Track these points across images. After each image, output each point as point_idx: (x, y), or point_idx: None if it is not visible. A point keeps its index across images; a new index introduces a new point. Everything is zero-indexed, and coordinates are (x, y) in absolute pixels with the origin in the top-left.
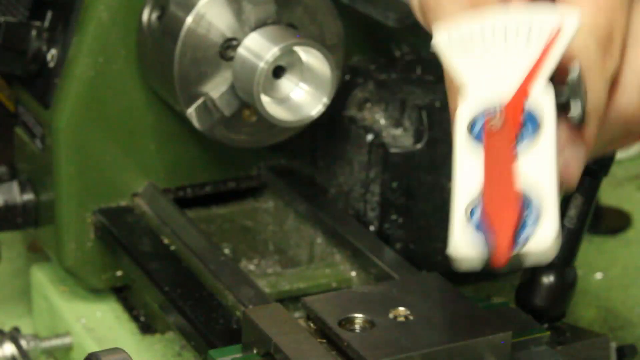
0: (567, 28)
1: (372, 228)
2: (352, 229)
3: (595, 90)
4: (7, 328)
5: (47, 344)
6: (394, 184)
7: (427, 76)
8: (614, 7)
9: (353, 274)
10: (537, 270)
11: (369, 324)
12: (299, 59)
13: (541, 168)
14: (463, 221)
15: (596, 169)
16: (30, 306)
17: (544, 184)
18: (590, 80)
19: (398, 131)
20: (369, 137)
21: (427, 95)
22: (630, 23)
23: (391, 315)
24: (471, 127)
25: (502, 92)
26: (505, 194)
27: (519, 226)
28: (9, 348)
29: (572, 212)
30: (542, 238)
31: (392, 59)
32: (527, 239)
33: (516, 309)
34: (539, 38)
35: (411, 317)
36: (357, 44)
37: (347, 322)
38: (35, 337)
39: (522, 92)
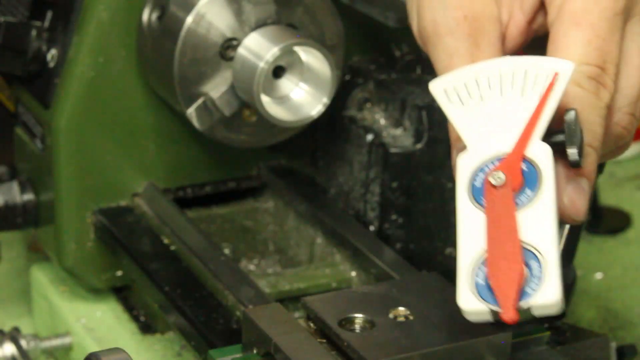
0: (562, 76)
1: (372, 228)
2: (352, 229)
3: (592, 125)
4: (7, 328)
5: (47, 344)
6: (394, 184)
7: (427, 76)
8: (605, 40)
9: (353, 274)
10: None
11: (369, 324)
12: (299, 59)
13: (542, 222)
14: (470, 276)
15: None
16: (30, 306)
17: (547, 239)
18: (586, 118)
19: (398, 131)
20: (369, 137)
21: (427, 95)
22: (622, 47)
23: (391, 315)
24: (472, 181)
25: (500, 145)
26: (508, 251)
27: (524, 282)
28: (9, 348)
29: None
30: (548, 293)
31: (392, 59)
32: (532, 295)
33: None
34: (534, 87)
35: (411, 317)
36: (357, 44)
37: (347, 322)
38: (35, 337)
39: (521, 146)
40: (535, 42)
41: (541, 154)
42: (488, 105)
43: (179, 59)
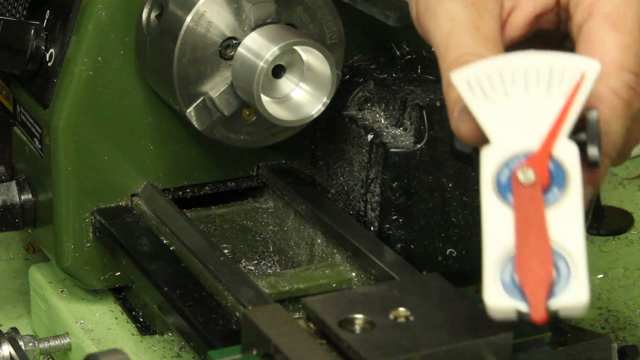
0: (589, 75)
1: (372, 228)
2: (352, 229)
3: (615, 135)
4: (5, 329)
5: (45, 344)
6: (394, 184)
7: (427, 75)
8: None
9: (353, 274)
10: None
11: (369, 324)
12: (299, 58)
13: (571, 222)
14: (496, 272)
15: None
16: (28, 307)
17: (575, 239)
18: (613, 128)
19: (398, 131)
20: (369, 136)
21: (427, 95)
22: None
23: (391, 316)
24: (497, 176)
25: (527, 142)
26: (538, 250)
27: (552, 282)
28: (7, 349)
29: None
30: (576, 294)
31: (393, 58)
32: (561, 295)
33: None
34: (561, 85)
35: (411, 318)
36: (357, 43)
37: (348, 323)
38: (34, 337)
39: (549, 144)
40: (536, 36)
41: (569, 152)
42: (513, 100)
43: (178, 58)
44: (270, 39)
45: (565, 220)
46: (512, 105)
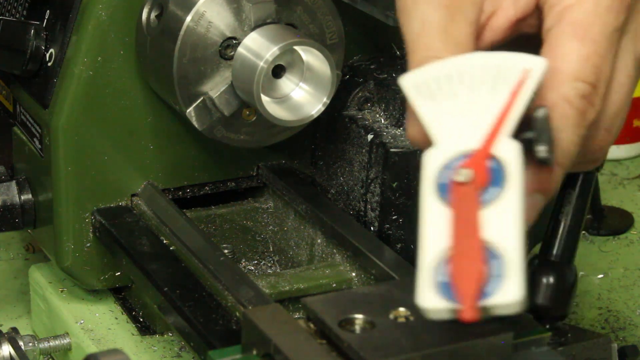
0: (535, 72)
1: (372, 228)
2: (352, 229)
3: (569, 144)
4: (5, 329)
5: (45, 344)
6: (394, 184)
7: None
8: (603, 58)
9: (353, 274)
10: (537, 271)
11: (369, 324)
12: (299, 58)
13: (507, 221)
14: (430, 273)
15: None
16: (28, 307)
17: (510, 237)
18: (566, 137)
19: (398, 131)
20: (369, 136)
21: None
22: (616, 62)
23: (391, 316)
24: (438, 178)
25: (469, 142)
26: (470, 249)
27: (486, 280)
28: (7, 349)
29: (566, 207)
30: (509, 291)
31: (393, 58)
32: (493, 293)
33: None
34: (505, 82)
35: (411, 318)
36: (357, 43)
37: (347, 323)
38: (34, 337)
39: (489, 143)
40: (517, 40)
41: (509, 151)
42: (458, 100)
43: (178, 58)
44: (270, 39)
45: (502, 218)
46: (457, 106)
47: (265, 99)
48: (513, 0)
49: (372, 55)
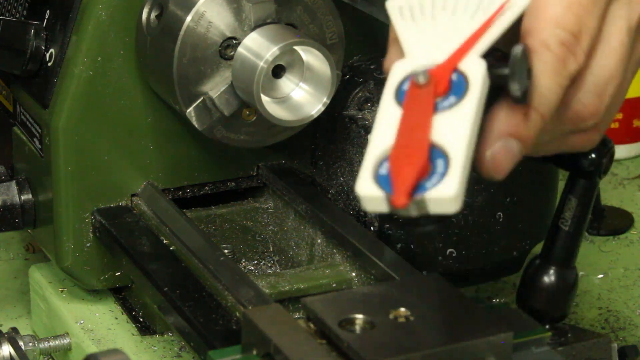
0: (516, 5)
1: (372, 228)
2: (352, 229)
3: (547, 91)
4: (5, 329)
5: (45, 344)
6: None
7: None
8: (586, 9)
9: (353, 274)
10: (537, 271)
11: (369, 324)
12: (299, 58)
13: (458, 127)
14: (373, 166)
15: (592, 171)
16: (28, 307)
17: (458, 141)
18: (544, 83)
19: None
20: (369, 136)
21: None
22: (604, 27)
23: (391, 316)
24: (400, 85)
25: (437, 56)
26: (415, 145)
27: (426, 175)
28: (7, 349)
29: (567, 214)
30: (445, 187)
31: None
32: (430, 187)
33: (517, 309)
34: (485, 12)
35: (411, 318)
36: (357, 43)
37: (348, 323)
38: (34, 337)
39: (456, 57)
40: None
41: (474, 67)
42: (437, 23)
43: (178, 58)
44: (270, 39)
45: (454, 124)
46: (435, 28)
47: (265, 99)
48: None
49: (372, 55)
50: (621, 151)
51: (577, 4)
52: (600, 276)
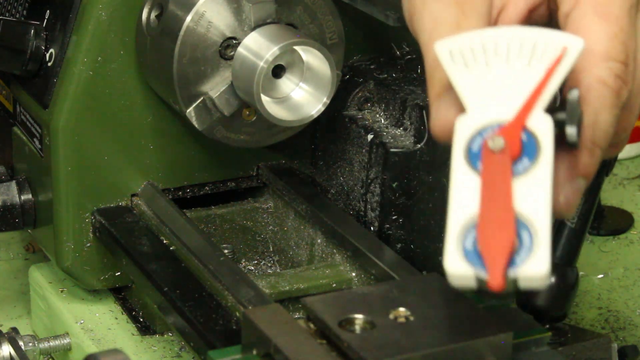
0: (572, 50)
1: (372, 228)
2: (352, 229)
3: (606, 125)
4: (5, 329)
5: (45, 344)
6: (394, 184)
7: None
8: (628, 34)
9: (353, 274)
10: None
11: (369, 324)
12: (299, 58)
13: (537, 194)
14: (459, 239)
15: (598, 169)
16: (28, 307)
17: (540, 210)
18: (603, 118)
19: (398, 131)
20: (369, 136)
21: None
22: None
23: (391, 316)
24: (469, 144)
25: (502, 112)
26: (501, 218)
27: (513, 251)
28: (7, 349)
29: None
30: (537, 264)
31: (393, 58)
32: (521, 264)
33: (517, 309)
34: (542, 58)
35: (411, 318)
36: (357, 43)
37: (347, 323)
38: (34, 337)
39: (523, 114)
40: None
41: (542, 125)
42: (493, 71)
43: (178, 58)
44: (270, 39)
45: (532, 191)
46: (492, 76)
47: (265, 99)
48: None
49: (372, 55)
50: (621, 151)
51: (620, 31)
52: (600, 276)
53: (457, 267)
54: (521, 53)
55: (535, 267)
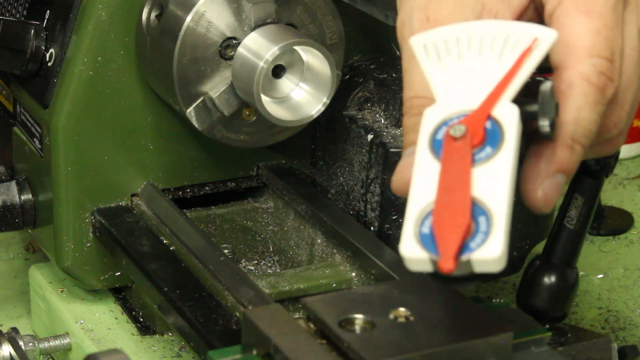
0: (543, 41)
1: (372, 228)
2: (352, 229)
3: (588, 123)
4: (5, 329)
5: (45, 344)
6: None
7: None
8: (613, 30)
9: (353, 274)
10: (538, 271)
11: (370, 324)
12: (299, 58)
13: (497, 180)
14: (416, 224)
15: (598, 170)
16: (28, 307)
17: (499, 196)
18: (587, 109)
19: (398, 131)
20: (369, 136)
21: None
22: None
23: (391, 316)
24: (434, 134)
25: (469, 102)
26: (457, 202)
27: (469, 234)
28: (7, 349)
29: (573, 212)
30: (491, 248)
31: (393, 58)
32: (475, 247)
33: (517, 309)
34: (513, 50)
35: (411, 318)
36: (357, 43)
37: (348, 323)
38: (34, 337)
39: (489, 104)
40: None
41: (507, 114)
42: (464, 64)
43: (178, 58)
44: (270, 39)
45: (492, 177)
46: (463, 68)
47: (265, 99)
48: (507, 5)
49: (372, 55)
50: (621, 151)
51: (604, 27)
52: (600, 276)
53: (412, 251)
54: (493, 45)
55: (489, 251)
